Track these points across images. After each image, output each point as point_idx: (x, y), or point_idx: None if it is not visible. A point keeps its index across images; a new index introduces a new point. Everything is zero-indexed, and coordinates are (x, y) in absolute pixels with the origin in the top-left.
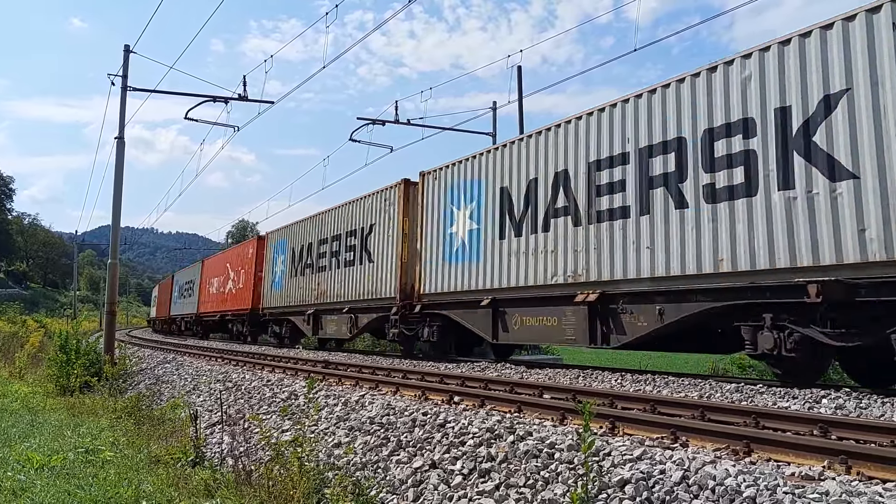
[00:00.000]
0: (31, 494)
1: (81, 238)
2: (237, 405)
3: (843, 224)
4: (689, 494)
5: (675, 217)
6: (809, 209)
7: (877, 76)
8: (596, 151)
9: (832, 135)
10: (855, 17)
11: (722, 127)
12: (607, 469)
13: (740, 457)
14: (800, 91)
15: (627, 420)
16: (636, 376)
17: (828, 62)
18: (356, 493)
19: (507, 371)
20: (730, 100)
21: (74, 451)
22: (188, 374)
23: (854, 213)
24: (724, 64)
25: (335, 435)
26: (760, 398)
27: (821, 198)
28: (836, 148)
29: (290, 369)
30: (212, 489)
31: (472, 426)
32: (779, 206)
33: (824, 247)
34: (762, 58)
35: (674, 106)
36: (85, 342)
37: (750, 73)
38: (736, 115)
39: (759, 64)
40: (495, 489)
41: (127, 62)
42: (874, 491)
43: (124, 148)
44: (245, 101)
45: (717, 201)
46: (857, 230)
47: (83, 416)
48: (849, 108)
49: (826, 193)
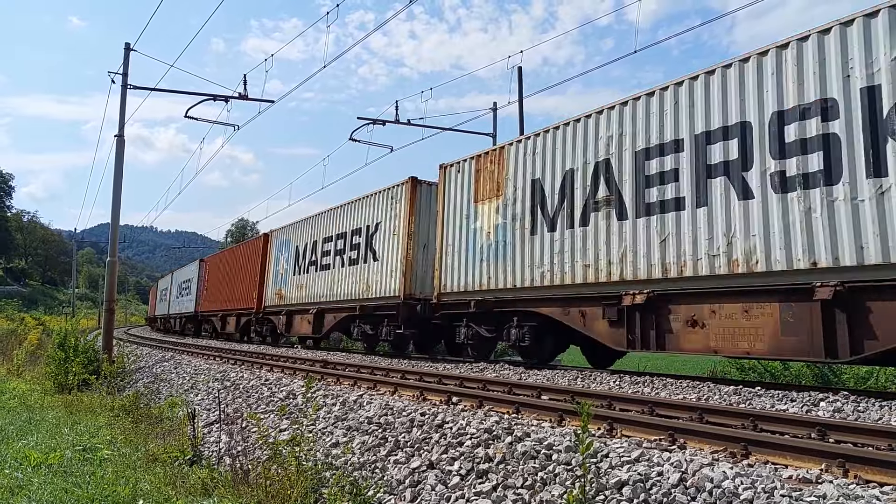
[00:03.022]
0: (28, 492)
1: (80, 236)
2: (235, 404)
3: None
4: (686, 497)
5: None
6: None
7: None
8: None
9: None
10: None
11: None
12: (605, 470)
13: (738, 459)
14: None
15: (625, 422)
16: (634, 378)
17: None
18: (354, 493)
19: (505, 372)
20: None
21: (72, 448)
22: (186, 373)
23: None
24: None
25: (333, 435)
26: (759, 401)
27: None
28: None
29: (289, 368)
30: (209, 488)
31: (471, 427)
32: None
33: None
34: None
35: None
36: (83, 340)
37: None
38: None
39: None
40: (493, 490)
41: (127, 60)
42: (871, 494)
43: (124, 146)
44: (245, 99)
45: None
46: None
47: (81, 413)
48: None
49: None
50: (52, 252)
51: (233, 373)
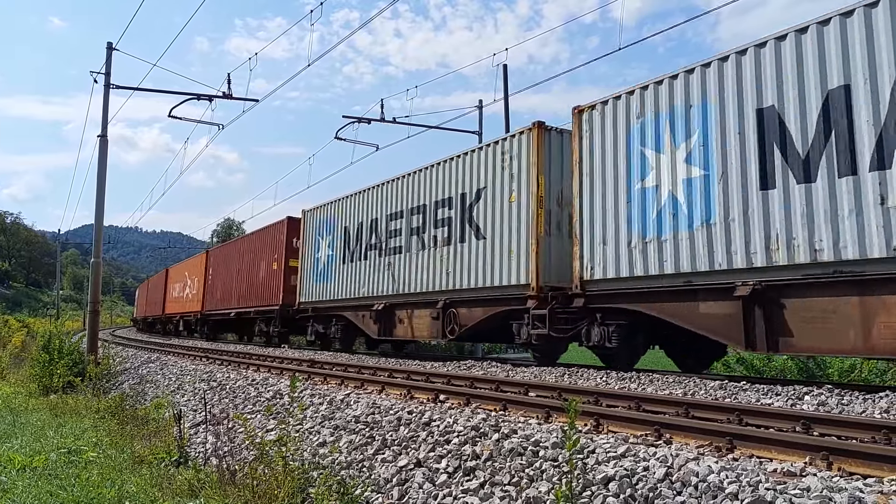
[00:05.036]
0: (12, 496)
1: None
2: (222, 405)
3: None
4: (672, 491)
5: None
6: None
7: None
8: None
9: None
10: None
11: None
12: (591, 466)
13: (723, 453)
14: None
15: (612, 418)
16: (621, 374)
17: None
18: (341, 492)
19: (492, 369)
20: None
21: (57, 451)
22: (172, 374)
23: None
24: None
25: (320, 434)
26: (744, 395)
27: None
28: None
29: (276, 368)
30: (196, 489)
31: (458, 424)
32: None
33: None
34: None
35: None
36: (68, 342)
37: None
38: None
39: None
40: (480, 487)
41: (110, 59)
42: (855, 486)
43: (107, 146)
44: (230, 98)
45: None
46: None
47: (66, 416)
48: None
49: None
50: (35, 254)
51: (219, 373)
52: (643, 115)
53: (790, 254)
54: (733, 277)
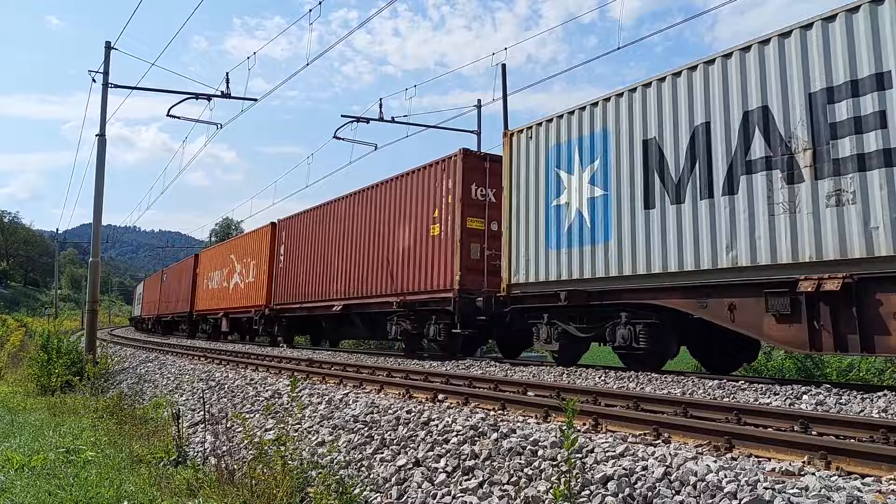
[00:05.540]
0: (10, 495)
1: (63, 236)
2: (220, 404)
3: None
4: (670, 490)
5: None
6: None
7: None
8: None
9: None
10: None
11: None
12: (590, 466)
13: (722, 453)
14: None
15: (610, 417)
16: (620, 374)
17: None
18: (340, 491)
19: (491, 369)
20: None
21: (55, 451)
22: (171, 374)
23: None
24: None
25: (319, 433)
26: (742, 394)
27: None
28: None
29: (274, 368)
30: (194, 489)
31: (456, 424)
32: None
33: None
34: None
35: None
36: (66, 341)
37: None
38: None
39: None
40: (479, 486)
41: (108, 58)
42: (853, 486)
43: (106, 145)
44: (228, 98)
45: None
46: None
47: (64, 415)
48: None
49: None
50: (34, 253)
51: (218, 373)
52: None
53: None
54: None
